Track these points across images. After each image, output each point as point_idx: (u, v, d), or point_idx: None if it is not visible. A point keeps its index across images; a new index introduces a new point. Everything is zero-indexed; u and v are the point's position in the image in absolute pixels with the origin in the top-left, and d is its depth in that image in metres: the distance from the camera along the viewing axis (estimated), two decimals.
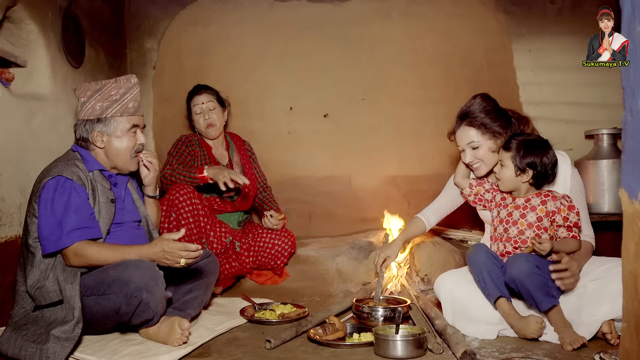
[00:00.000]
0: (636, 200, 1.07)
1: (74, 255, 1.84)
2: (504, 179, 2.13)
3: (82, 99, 2.04)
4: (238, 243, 2.80)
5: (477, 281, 2.04)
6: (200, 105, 2.95)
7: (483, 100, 2.28)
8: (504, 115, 2.28)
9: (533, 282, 1.91)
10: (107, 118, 2.02)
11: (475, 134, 2.24)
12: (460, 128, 2.29)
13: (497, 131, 2.23)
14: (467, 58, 3.61)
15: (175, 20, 3.56)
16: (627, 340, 1.12)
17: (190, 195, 2.65)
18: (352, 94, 3.64)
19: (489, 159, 2.25)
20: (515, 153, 2.09)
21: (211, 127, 2.95)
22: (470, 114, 2.26)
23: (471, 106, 2.28)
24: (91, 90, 2.04)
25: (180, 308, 2.05)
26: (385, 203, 3.54)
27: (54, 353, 1.69)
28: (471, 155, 2.26)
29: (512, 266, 1.96)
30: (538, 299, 1.92)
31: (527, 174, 2.08)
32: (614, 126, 3.18)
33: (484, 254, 2.05)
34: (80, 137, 2.05)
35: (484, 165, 2.27)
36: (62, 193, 1.86)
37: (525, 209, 2.10)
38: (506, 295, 1.98)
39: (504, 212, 2.16)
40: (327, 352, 1.84)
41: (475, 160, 2.27)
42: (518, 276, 1.92)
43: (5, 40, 2.39)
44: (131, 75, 2.11)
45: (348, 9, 3.61)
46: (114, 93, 2.04)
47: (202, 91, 2.99)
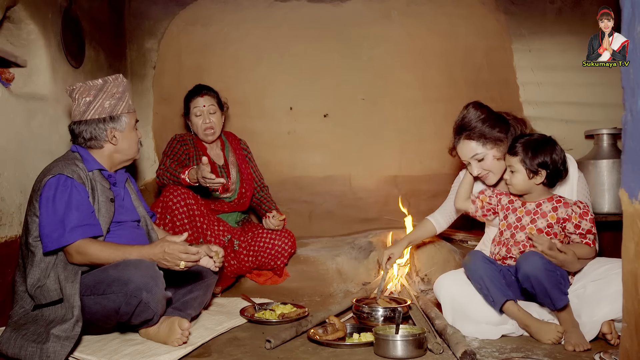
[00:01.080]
0: (636, 200, 1.08)
1: (77, 253, 1.85)
2: (516, 184, 2.09)
3: (87, 99, 2.05)
4: (237, 242, 2.80)
5: (479, 289, 2.01)
6: (201, 107, 2.92)
7: (476, 109, 2.23)
8: (501, 119, 2.24)
9: (548, 278, 1.87)
10: (117, 115, 2.07)
11: (476, 145, 2.21)
12: (460, 142, 2.25)
13: (498, 138, 2.19)
14: (467, 58, 3.61)
15: (175, 20, 3.56)
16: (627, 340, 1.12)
17: (185, 196, 2.64)
18: (352, 94, 3.63)
19: (497, 167, 2.22)
20: (523, 156, 2.05)
21: (210, 130, 2.92)
22: (467, 126, 2.22)
23: (465, 118, 2.23)
24: (94, 89, 2.06)
25: (180, 308, 2.05)
26: (385, 203, 3.54)
27: (54, 352, 1.69)
28: (478, 168, 2.23)
29: (525, 262, 1.92)
30: (554, 296, 1.88)
31: (541, 174, 2.05)
32: (614, 126, 3.19)
33: (481, 261, 2.03)
34: (92, 136, 2.05)
35: (493, 175, 2.24)
36: (63, 191, 1.87)
37: (536, 214, 2.07)
38: (512, 297, 1.96)
39: (512, 216, 2.13)
40: (327, 352, 1.84)
41: (483, 172, 2.24)
42: (533, 272, 1.88)
43: (5, 40, 2.39)
44: (118, 75, 2.15)
45: (348, 9, 3.61)
46: (115, 91, 2.08)
47: (204, 93, 2.95)
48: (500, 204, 2.20)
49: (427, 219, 2.55)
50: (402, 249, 2.51)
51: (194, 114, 2.94)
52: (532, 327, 1.94)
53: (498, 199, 2.21)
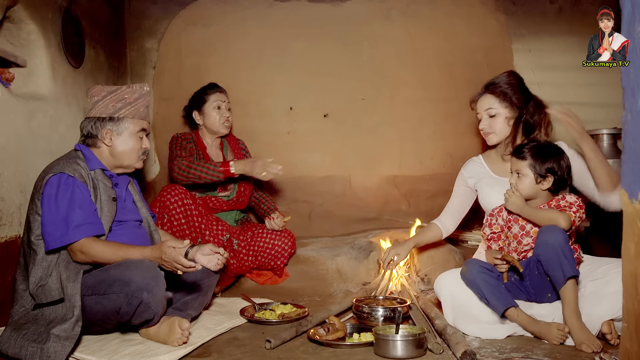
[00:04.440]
0: (636, 200, 1.08)
1: (79, 252, 1.85)
2: (523, 188, 2.09)
3: (96, 98, 2.09)
4: (236, 241, 2.80)
5: (480, 298, 2.02)
6: (222, 102, 2.99)
7: (510, 75, 2.38)
8: (526, 92, 2.36)
9: (567, 248, 1.88)
10: (119, 118, 2.07)
11: (494, 101, 2.34)
12: (482, 96, 2.38)
13: (515, 102, 2.32)
14: (467, 58, 3.61)
15: (175, 20, 3.56)
16: (627, 340, 1.12)
17: (182, 195, 2.65)
18: (352, 94, 3.63)
19: (502, 130, 2.34)
20: (533, 160, 2.07)
21: (227, 122, 3.00)
22: (495, 84, 2.37)
23: (498, 78, 2.39)
24: (105, 91, 2.11)
25: (180, 308, 2.05)
26: (385, 203, 3.54)
27: (54, 352, 1.69)
28: (487, 123, 2.36)
29: (548, 231, 1.92)
30: (566, 266, 1.86)
31: (548, 180, 2.07)
32: (614, 126, 3.18)
33: (477, 271, 2.02)
34: (88, 133, 2.08)
35: (495, 136, 2.36)
36: (66, 189, 1.88)
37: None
38: (513, 304, 1.96)
39: (515, 227, 2.14)
40: (327, 352, 1.84)
41: (489, 129, 2.35)
42: (553, 243, 1.88)
43: (5, 40, 2.39)
44: (144, 84, 2.19)
45: (348, 9, 3.61)
46: (127, 97, 2.10)
47: (221, 90, 3.04)
48: (503, 220, 2.19)
49: (433, 222, 2.56)
50: (407, 251, 2.52)
51: (213, 106, 2.98)
52: (535, 332, 1.94)
53: (500, 216, 2.21)
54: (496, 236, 2.19)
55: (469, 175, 2.48)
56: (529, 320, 1.95)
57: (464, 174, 2.51)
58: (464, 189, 2.50)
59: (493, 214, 2.24)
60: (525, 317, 1.96)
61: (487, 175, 2.43)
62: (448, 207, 2.55)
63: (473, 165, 2.50)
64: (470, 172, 2.48)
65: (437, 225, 2.54)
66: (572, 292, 1.89)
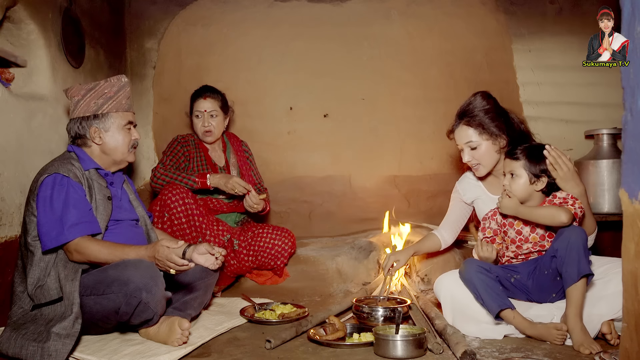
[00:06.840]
0: (636, 200, 1.08)
1: (75, 252, 1.85)
2: (516, 189, 2.07)
3: (76, 98, 2.08)
4: (237, 241, 2.80)
5: (475, 298, 2.02)
6: (202, 110, 2.92)
7: (483, 99, 2.27)
8: (504, 115, 2.27)
9: (585, 247, 1.88)
10: (103, 114, 2.07)
11: (473, 133, 2.24)
12: (459, 127, 2.29)
13: (495, 132, 2.22)
14: (467, 58, 3.61)
15: (175, 20, 3.56)
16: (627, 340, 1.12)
17: (183, 195, 2.65)
18: (352, 94, 3.64)
19: (488, 160, 2.26)
20: (527, 161, 2.06)
21: (208, 133, 2.93)
22: (469, 113, 2.26)
23: (470, 104, 2.27)
24: (85, 89, 2.09)
25: (180, 308, 2.05)
26: (385, 203, 3.54)
27: (55, 351, 1.68)
28: (469, 155, 2.27)
29: (571, 230, 1.92)
30: (582, 263, 1.85)
31: (542, 180, 2.06)
32: (614, 126, 3.19)
33: (475, 271, 2.02)
34: (77, 134, 2.08)
35: (483, 167, 2.28)
36: (60, 190, 1.88)
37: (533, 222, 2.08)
38: (509, 305, 1.95)
39: (512, 232, 2.13)
40: (327, 352, 1.84)
41: (474, 161, 2.27)
42: (576, 240, 1.88)
43: (5, 40, 2.39)
44: (121, 75, 2.16)
45: (348, 9, 3.62)
46: (107, 91, 2.08)
47: (207, 96, 2.94)
48: (497, 223, 2.20)
49: (433, 233, 2.55)
50: (407, 258, 2.50)
51: (195, 115, 2.96)
52: (535, 334, 1.92)
53: (494, 220, 2.21)
54: (489, 240, 2.20)
55: (464, 193, 2.45)
56: (525, 324, 1.94)
57: (459, 191, 2.47)
58: (461, 204, 2.47)
59: (487, 217, 2.24)
60: (521, 319, 1.95)
61: (483, 195, 2.39)
62: (446, 220, 2.53)
63: (468, 184, 2.44)
64: (465, 190, 2.45)
65: (436, 236, 2.54)
66: (581, 292, 1.87)
